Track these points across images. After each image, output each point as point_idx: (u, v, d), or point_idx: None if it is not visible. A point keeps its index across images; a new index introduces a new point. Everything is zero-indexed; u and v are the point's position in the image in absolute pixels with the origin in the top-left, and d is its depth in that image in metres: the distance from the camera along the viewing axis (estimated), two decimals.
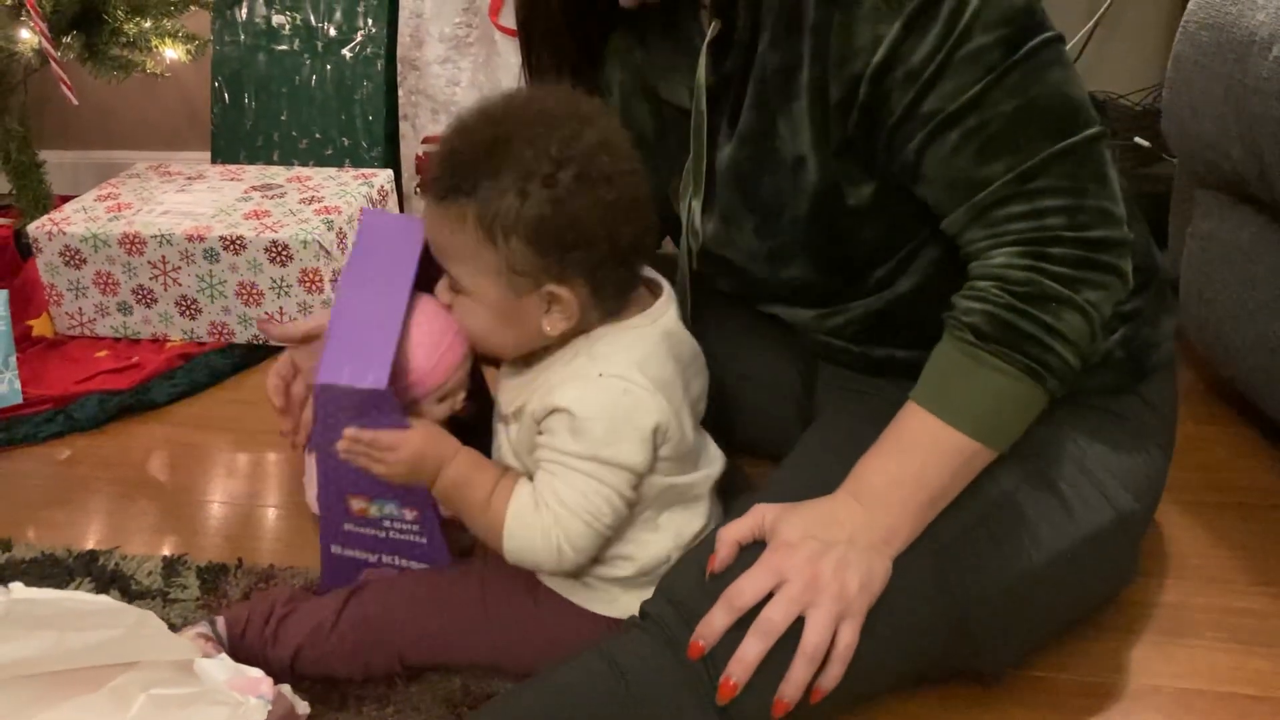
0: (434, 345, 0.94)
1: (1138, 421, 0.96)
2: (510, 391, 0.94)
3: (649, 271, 0.94)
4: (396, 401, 0.90)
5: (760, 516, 0.85)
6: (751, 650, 0.79)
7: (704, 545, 0.89)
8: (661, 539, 0.93)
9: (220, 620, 0.98)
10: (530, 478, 0.91)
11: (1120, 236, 0.83)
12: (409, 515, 0.98)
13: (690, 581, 0.85)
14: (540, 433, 0.89)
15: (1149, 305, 0.97)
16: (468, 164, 0.83)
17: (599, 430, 0.86)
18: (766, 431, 1.16)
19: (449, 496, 0.92)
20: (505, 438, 0.95)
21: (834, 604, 0.79)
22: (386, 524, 0.99)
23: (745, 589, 0.81)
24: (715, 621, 0.80)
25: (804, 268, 0.94)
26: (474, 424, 0.99)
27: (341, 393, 0.88)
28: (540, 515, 0.88)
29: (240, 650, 0.96)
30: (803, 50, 0.84)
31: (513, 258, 0.84)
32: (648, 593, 0.89)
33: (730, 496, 1.03)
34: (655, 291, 0.94)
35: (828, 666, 0.80)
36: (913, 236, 0.90)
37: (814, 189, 0.88)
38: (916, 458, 0.84)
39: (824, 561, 0.80)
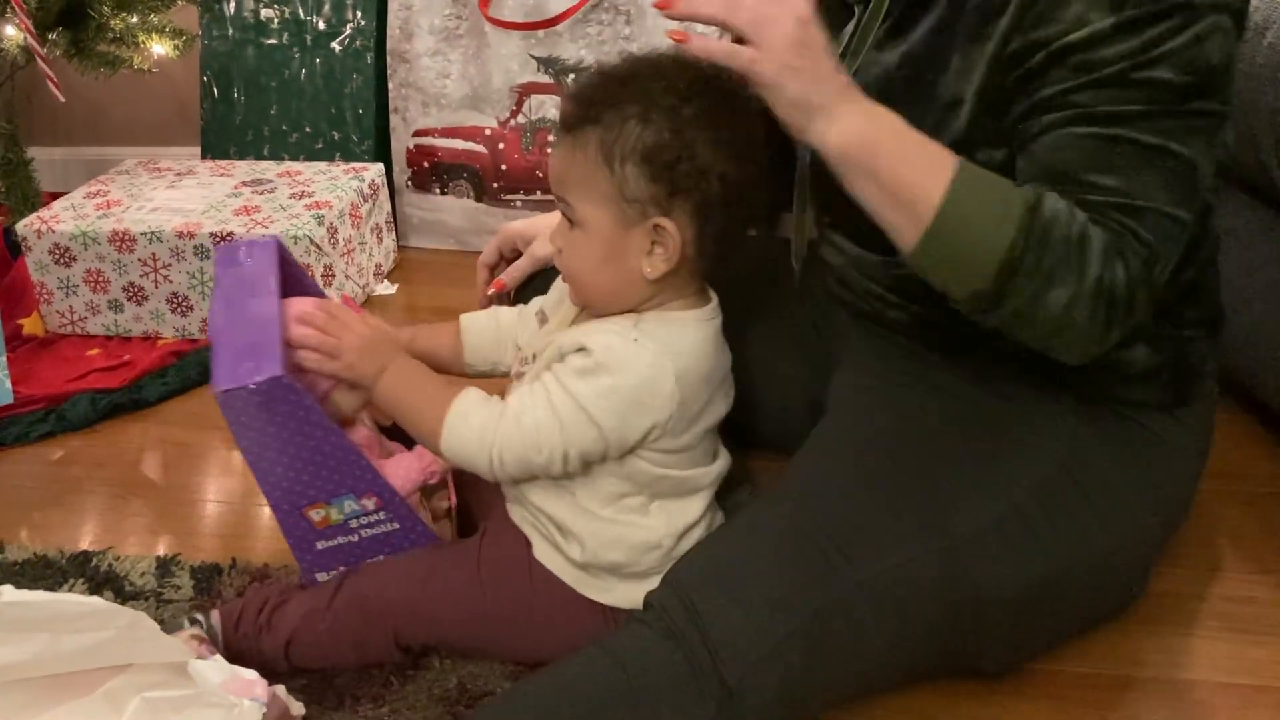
0: None
1: (1171, 443, 0.95)
2: (539, 338, 0.97)
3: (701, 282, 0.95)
4: (304, 391, 0.91)
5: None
6: (710, 4, 0.79)
7: (713, 538, 0.90)
8: (653, 524, 0.93)
9: (215, 613, 0.98)
10: None
11: (1142, 315, 0.82)
12: (371, 505, 0.97)
13: (696, 571, 0.85)
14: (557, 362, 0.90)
15: (1204, 337, 0.96)
16: (598, 97, 0.87)
17: (605, 383, 0.87)
18: (776, 426, 1.15)
19: (393, 391, 0.94)
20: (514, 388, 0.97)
21: (775, 59, 0.79)
22: (354, 524, 0.98)
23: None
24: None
25: None
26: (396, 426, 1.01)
27: (246, 396, 0.89)
28: (487, 410, 0.90)
29: (234, 641, 0.96)
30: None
31: (625, 183, 0.86)
32: (645, 582, 0.89)
33: (727, 490, 1.02)
34: (707, 298, 0.95)
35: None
36: None
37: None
38: (919, 145, 0.81)
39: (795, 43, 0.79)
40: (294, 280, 1.06)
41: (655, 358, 0.88)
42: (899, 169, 0.80)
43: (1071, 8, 0.79)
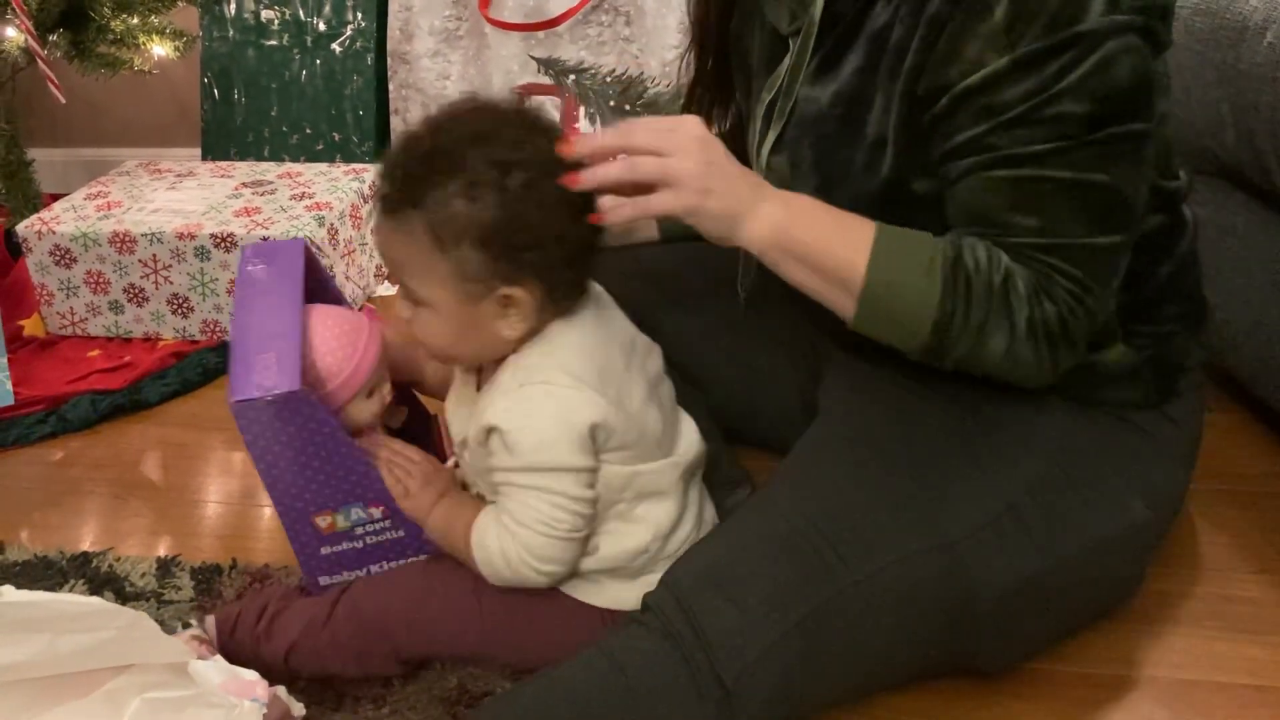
0: (348, 345, 0.97)
1: (1160, 436, 0.95)
2: (460, 421, 0.95)
3: None
4: (319, 404, 0.91)
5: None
6: (613, 169, 0.83)
7: (709, 539, 0.90)
8: (638, 530, 0.92)
9: (210, 619, 0.97)
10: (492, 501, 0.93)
11: (1082, 347, 0.84)
12: (377, 514, 0.98)
13: (692, 572, 0.85)
14: (491, 455, 0.89)
15: (1185, 332, 0.97)
16: (413, 175, 0.83)
17: (528, 440, 0.86)
18: (772, 426, 1.15)
19: (443, 531, 0.94)
20: (464, 464, 0.97)
21: (689, 188, 0.82)
22: (360, 531, 0.99)
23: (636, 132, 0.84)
24: (596, 140, 0.84)
25: None
26: (404, 429, 1.02)
27: (261, 407, 0.89)
28: (496, 538, 0.89)
29: (230, 648, 0.96)
30: (916, 36, 0.83)
31: (464, 264, 0.83)
32: (636, 582, 0.89)
33: (720, 488, 1.03)
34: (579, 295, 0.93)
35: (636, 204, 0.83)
36: None
37: (886, 175, 0.87)
38: (836, 219, 0.85)
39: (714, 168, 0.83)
40: (318, 283, 1.06)
41: (551, 385, 0.86)
42: (822, 247, 0.83)
43: (969, 48, 0.79)
